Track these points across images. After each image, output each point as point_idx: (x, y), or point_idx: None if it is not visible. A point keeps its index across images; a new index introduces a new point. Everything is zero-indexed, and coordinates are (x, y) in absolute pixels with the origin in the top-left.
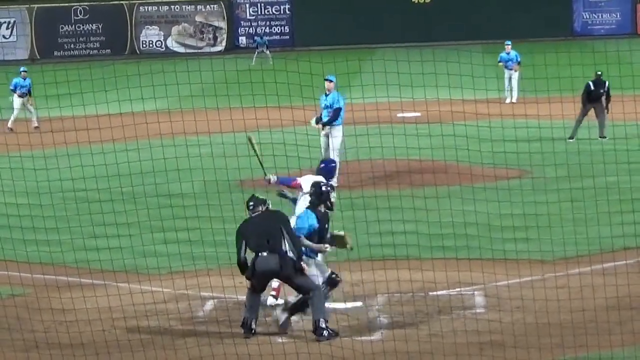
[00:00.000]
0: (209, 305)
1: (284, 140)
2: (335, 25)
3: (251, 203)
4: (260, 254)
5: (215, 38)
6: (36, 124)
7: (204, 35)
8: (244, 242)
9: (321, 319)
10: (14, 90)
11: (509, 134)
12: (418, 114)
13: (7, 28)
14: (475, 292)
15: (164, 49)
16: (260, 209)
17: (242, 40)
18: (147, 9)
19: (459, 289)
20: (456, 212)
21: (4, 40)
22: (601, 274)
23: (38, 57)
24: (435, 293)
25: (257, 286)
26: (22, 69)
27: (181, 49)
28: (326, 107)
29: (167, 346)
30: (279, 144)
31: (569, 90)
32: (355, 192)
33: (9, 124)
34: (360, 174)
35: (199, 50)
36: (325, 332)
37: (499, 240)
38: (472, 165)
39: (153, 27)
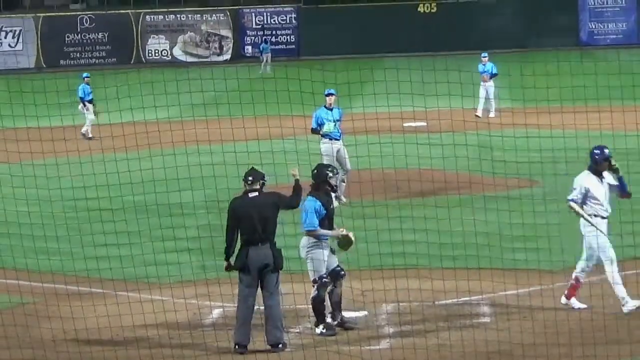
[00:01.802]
0: (217, 313)
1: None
2: (340, 35)
3: (250, 177)
4: (252, 245)
5: (221, 47)
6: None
7: (210, 45)
8: (234, 222)
9: (279, 334)
10: (83, 99)
11: (521, 143)
12: (424, 123)
13: (13, 37)
14: (484, 302)
15: (169, 57)
16: (258, 186)
17: (248, 49)
18: (153, 18)
19: (468, 298)
20: (466, 221)
21: (9, 49)
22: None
23: (44, 66)
24: (444, 302)
25: (248, 279)
26: (85, 75)
27: (187, 58)
28: (335, 120)
29: (176, 356)
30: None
31: (581, 99)
32: (366, 200)
33: (84, 130)
34: (372, 183)
35: (205, 60)
36: (280, 345)
37: (509, 249)
38: (483, 174)
39: (159, 36)
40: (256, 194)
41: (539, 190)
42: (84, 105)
